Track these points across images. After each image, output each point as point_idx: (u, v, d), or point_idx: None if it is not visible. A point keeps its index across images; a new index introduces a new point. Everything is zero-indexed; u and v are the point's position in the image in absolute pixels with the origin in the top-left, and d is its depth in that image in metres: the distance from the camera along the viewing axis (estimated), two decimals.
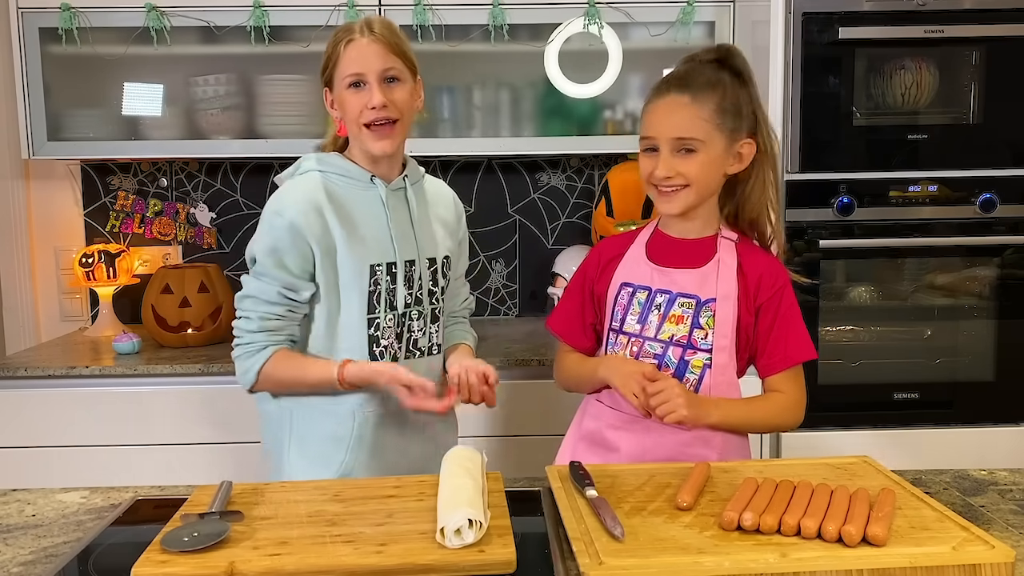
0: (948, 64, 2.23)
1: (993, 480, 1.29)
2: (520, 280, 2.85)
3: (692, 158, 1.37)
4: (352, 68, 1.47)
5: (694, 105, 1.37)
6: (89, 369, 2.22)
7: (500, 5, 2.41)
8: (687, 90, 1.38)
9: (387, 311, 1.50)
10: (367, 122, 1.47)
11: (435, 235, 1.59)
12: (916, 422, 2.26)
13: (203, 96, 2.46)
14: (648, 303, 1.43)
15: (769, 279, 1.41)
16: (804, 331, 1.43)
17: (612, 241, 1.57)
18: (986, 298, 2.28)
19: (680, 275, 1.42)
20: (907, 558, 0.94)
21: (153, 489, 1.27)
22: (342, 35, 1.49)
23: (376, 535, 1.02)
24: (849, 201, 2.20)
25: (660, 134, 1.39)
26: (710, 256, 1.43)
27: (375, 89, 1.46)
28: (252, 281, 1.49)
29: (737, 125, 1.39)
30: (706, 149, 1.37)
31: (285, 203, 1.47)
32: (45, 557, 1.05)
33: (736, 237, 1.45)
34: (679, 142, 1.37)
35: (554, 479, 1.19)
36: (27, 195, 2.75)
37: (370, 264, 1.48)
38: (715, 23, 2.46)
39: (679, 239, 1.46)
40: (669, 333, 1.41)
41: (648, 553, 0.95)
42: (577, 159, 2.80)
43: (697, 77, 1.39)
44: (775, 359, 1.41)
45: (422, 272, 1.54)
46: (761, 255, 1.45)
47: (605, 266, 1.51)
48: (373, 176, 1.51)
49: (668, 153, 1.38)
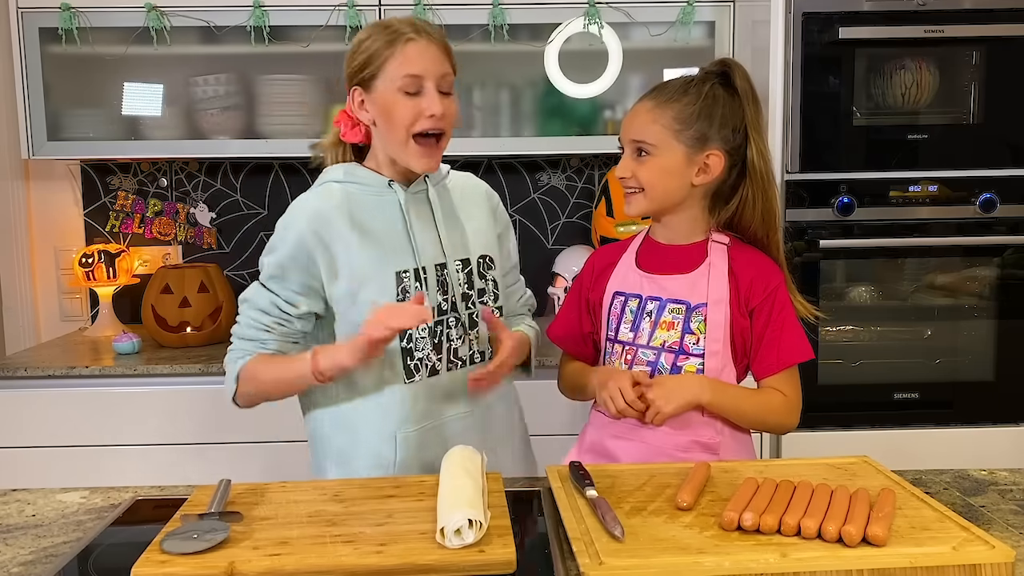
0: (948, 64, 2.23)
1: (993, 480, 1.29)
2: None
3: (645, 162, 1.39)
4: (410, 69, 1.35)
5: (655, 111, 1.39)
6: (89, 369, 2.22)
7: (500, 5, 2.41)
8: (654, 96, 1.40)
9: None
10: (421, 131, 1.37)
11: (465, 234, 1.49)
12: (916, 422, 2.26)
13: (203, 96, 2.46)
14: (639, 311, 1.43)
15: (761, 281, 1.40)
16: (799, 332, 1.41)
17: (605, 250, 1.56)
18: (986, 298, 2.28)
19: (669, 281, 1.42)
20: (907, 558, 0.94)
21: (153, 489, 1.27)
22: (393, 33, 1.36)
23: (376, 535, 1.02)
24: (849, 201, 2.20)
25: (623, 136, 1.44)
26: (700, 261, 1.42)
27: (434, 95, 1.36)
28: (252, 286, 1.45)
29: (703, 135, 1.37)
30: (660, 154, 1.38)
31: (294, 216, 1.41)
32: (45, 557, 1.05)
33: (728, 240, 1.43)
34: (634, 144, 1.40)
35: (554, 479, 1.19)
36: (27, 195, 2.75)
37: (395, 271, 1.39)
38: (715, 23, 2.46)
39: (668, 245, 1.46)
40: (661, 339, 1.40)
41: (648, 553, 0.95)
42: (577, 159, 2.80)
43: (671, 85, 1.41)
44: (768, 361, 1.40)
45: (454, 275, 1.45)
46: (754, 256, 1.43)
47: (599, 276, 1.51)
48: (391, 181, 1.43)
49: (628, 154, 1.42)
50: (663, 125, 1.38)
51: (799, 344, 1.40)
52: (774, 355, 1.39)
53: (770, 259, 1.44)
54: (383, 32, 1.37)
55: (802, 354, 1.40)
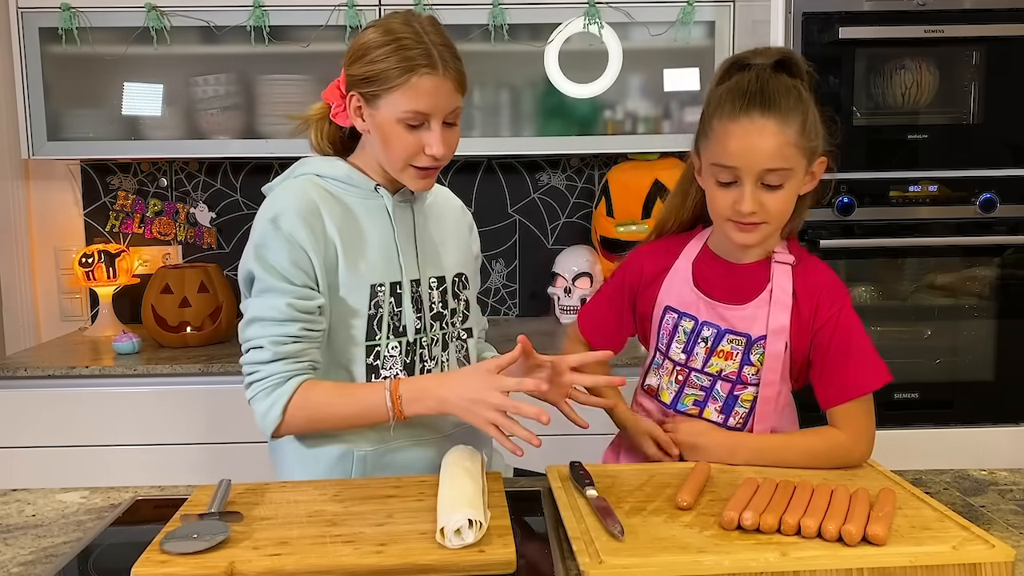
0: (948, 64, 2.23)
1: (993, 480, 1.29)
2: (520, 280, 2.85)
3: (778, 191, 1.22)
4: (418, 106, 1.25)
5: (781, 129, 1.20)
6: (89, 369, 2.22)
7: (500, 5, 2.41)
8: (772, 111, 1.20)
9: (390, 337, 1.32)
10: (421, 166, 1.30)
11: (441, 251, 1.41)
12: (916, 422, 2.26)
13: (203, 96, 2.46)
14: (694, 334, 1.33)
15: (827, 305, 1.28)
16: (867, 357, 1.27)
17: (656, 252, 1.41)
18: (986, 298, 2.27)
19: (729, 311, 1.30)
20: (907, 557, 0.94)
21: (153, 489, 1.27)
22: (408, 60, 1.24)
23: (376, 535, 1.01)
24: (849, 201, 2.20)
25: (745, 165, 1.21)
26: (763, 285, 1.30)
27: (439, 136, 1.27)
28: (254, 301, 1.28)
29: (817, 144, 1.24)
30: (793, 177, 1.23)
31: (280, 209, 1.28)
32: (45, 557, 1.05)
33: (793, 260, 1.31)
34: (766, 174, 1.21)
35: (554, 479, 1.19)
36: (27, 195, 2.75)
37: (371, 284, 1.31)
38: (715, 23, 2.46)
39: (730, 263, 1.33)
40: (717, 368, 1.31)
41: (648, 553, 0.95)
42: (577, 159, 2.80)
43: (781, 94, 1.22)
44: (830, 393, 1.28)
45: (427, 293, 1.37)
46: (819, 276, 1.31)
47: (650, 283, 1.39)
48: (378, 185, 1.35)
49: (753, 186, 1.21)
50: (793, 144, 1.21)
51: (864, 372, 1.27)
52: (836, 387, 1.28)
53: (835, 278, 1.33)
54: (397, 52, 1.24)
55: (868, 384, 1.27)
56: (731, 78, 1.28)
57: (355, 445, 1.33)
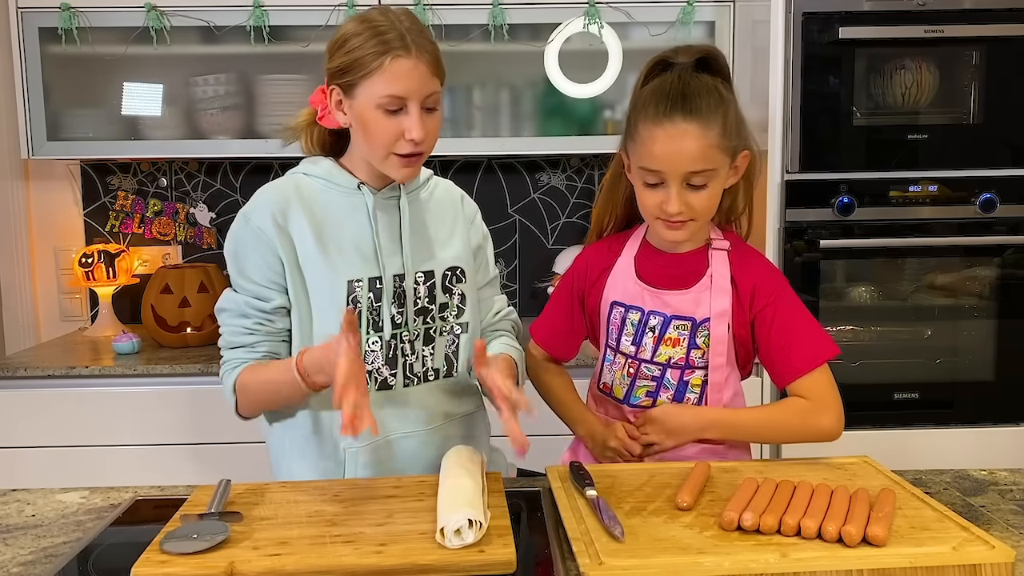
0: (948, 64, 2.23)
1: (993, 480, 1.29)
2: (520, 280, 2.85)
3: (703, 192, 1.26)
4: (394, 89, 1.26)
5: (703, 132, 1.23)
6: (89, 369, 2.22)
7: (500, 5, 2.41)
8: (694, 115, 1.23)
9: (370, 332, 1.34)
10: (402, 153, 1.30)
11: (434, 246, 1.42)
12: (916, 422, 2.26)
13: (203, 96, 2.46)
14: (641, 325, 1.36)
15: (764, 289, 1.33)
16: (812, 332, 1.32)
17: (598, 250, 1.46)
18: (986, 298, 2.28)
19: (673, 297, 1.35)
20: (907, 558, 0.94)
21: (153, 489, 1.27)
22: (382, 44, 1.26)
23: (376, 535, 1.01)
24: (849, 201, 2.20)
25: (670, 169, 1.25)
26: (702, 271, 1.35)
27: (417, 118, 1.27)
28: (225, 294, 1.37)
29: (738, 142, 1.28)
30: (717, 176, 1.27)
31: (252, 206, 1.34)
32: (45, 557, 1.05)
33: (728, 245, 1.36)
34: (690, 175, 1.25)
35: (554, 479, 1.19)
36: (27, 195, 2.75)
37: (347, 279, 1.32)
38: (715, 23, 2.46)
39: (668, 254, 1.37)
40: (666, 356, 1.35)
41: (648, 553, 0.95)
42: (577, 159, 2.80)
43: (702, 96, 1.25)
44: (783, 371, 1.32)
45: (412, 288, 1.37)
46: (755, 262, 1.36)
47: (595, 281, 1.43)
48: (361, 183, 1.36)
49: (678, 187, 1.25)
50: (715, 145, 1.24)
51: (812, 346, 1.31)
52: (786, 364, 1.31)
53: (770, 264, 1.39)
54: (372, 37, 1.26)
55: (816, 357, 1.30)
56: (655, 78, 1.31)
57: (346, 440, 1.34)
